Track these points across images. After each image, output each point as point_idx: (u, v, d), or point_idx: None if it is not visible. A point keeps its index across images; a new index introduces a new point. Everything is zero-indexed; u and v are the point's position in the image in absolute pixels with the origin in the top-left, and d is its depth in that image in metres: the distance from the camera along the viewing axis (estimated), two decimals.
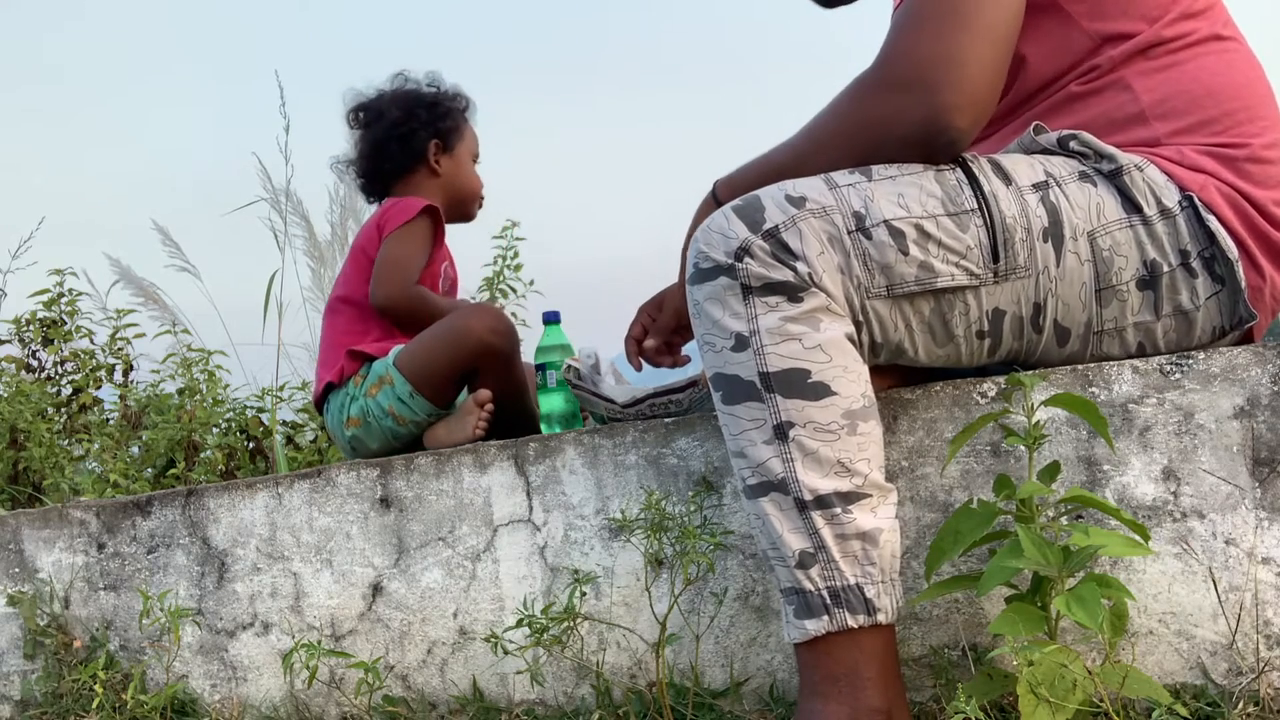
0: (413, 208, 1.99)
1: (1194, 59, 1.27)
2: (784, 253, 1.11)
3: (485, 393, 1.83)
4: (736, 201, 1.15)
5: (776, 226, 1.12)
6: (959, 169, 1.18)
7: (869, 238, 1.13)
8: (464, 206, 2.19)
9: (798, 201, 1.13)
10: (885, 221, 1.13)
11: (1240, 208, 1.22)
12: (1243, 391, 1.20)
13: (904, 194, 1.15)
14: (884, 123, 1.17)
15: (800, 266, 1.11)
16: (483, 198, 2.22)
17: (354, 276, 2.01)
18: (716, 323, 1.13)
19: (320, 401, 1.99)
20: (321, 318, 2.10)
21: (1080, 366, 1.24)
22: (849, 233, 1.13)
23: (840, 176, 1.16)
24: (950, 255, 1.14)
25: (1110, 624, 1.09)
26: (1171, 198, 1.21)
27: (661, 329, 1.44)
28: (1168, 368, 1.22)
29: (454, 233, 2.20)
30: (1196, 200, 1.20)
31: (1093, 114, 1.28)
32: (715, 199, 1.32)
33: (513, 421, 1.89)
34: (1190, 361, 1.21)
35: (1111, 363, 1.24)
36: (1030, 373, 1.14)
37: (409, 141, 2.11)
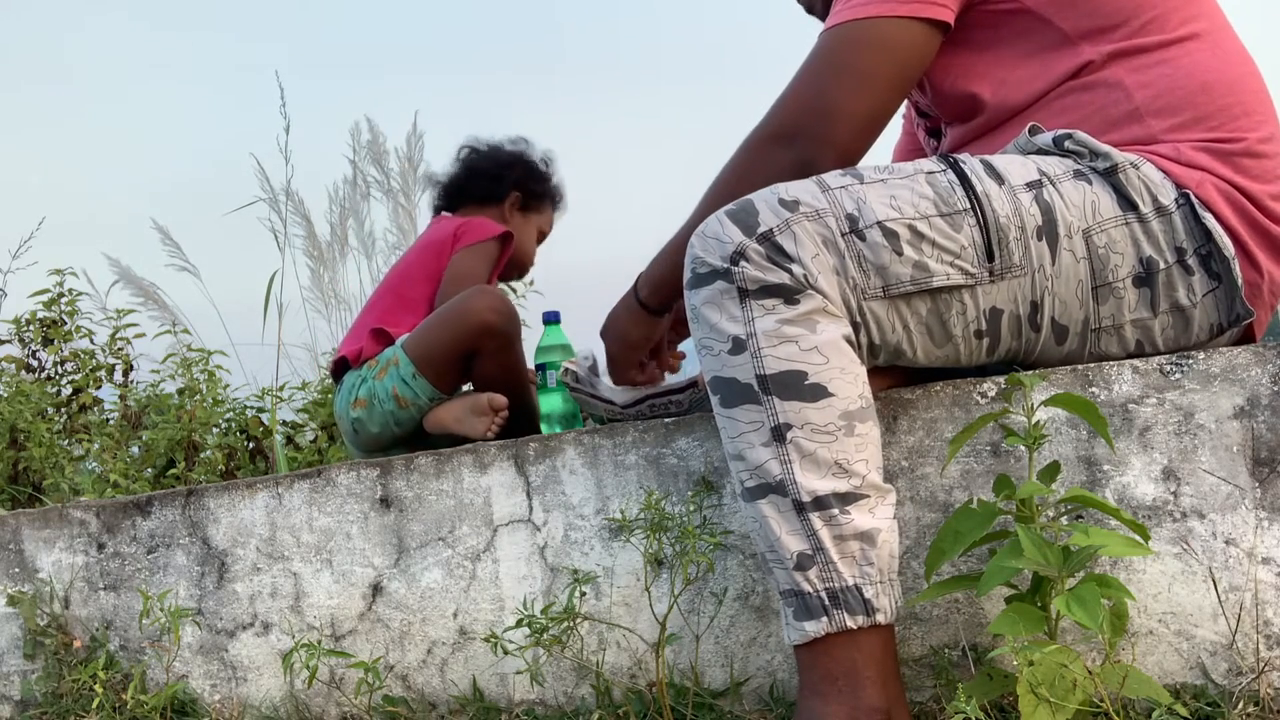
0: (491, 230, 2.12)
1: (1186, 55, 1.27)
2: (779, 255, 1.11)
3: (502, 399, 1.84)
4: (730, 206, 1.16)
5: (771, 230, 1.12)
6: (951, 170, 1.18)
7: (863, 239, 1.13)
8: (508, 269, 2.27)
9: (791, 205, 1.14)
10: (879, 223, 1.13)
11: (1237, 203, 1.22)
12: (1243, 391, 1.20)
13: (896, 195, 1.15)
14: (763, 172, 1.24)
15: (796, 269, 1.11)
16: (528, 277, 2.41)
17: (416, 271, 2.10)
18: (714, 326, 1.13)
19: (337, 375, 2.04)
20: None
21: (1080, 366, 1.24)
22: (843, 235, 1.13)
23: (832, 179, 1.17)
24: (945, 255, 1.15)
25: (1110, 624, 1.09)
26: (1168, 195, 1.21)
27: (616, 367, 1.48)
28: (1168, 368, 1.22)
29: None
30: (1193, 197, 1.21)
31: (1086, 112, 1.28)
32: (636, 295, 1.40)
33: (511, 411, 1.89)
34: (1190, 361, 1.21)
35: (1111, 363, 1.24)
36: (1030, 373, 1.14)
37: (499, 180, 2.26)
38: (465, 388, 2.01)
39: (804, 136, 1.25)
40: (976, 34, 1.31)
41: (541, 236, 2.37)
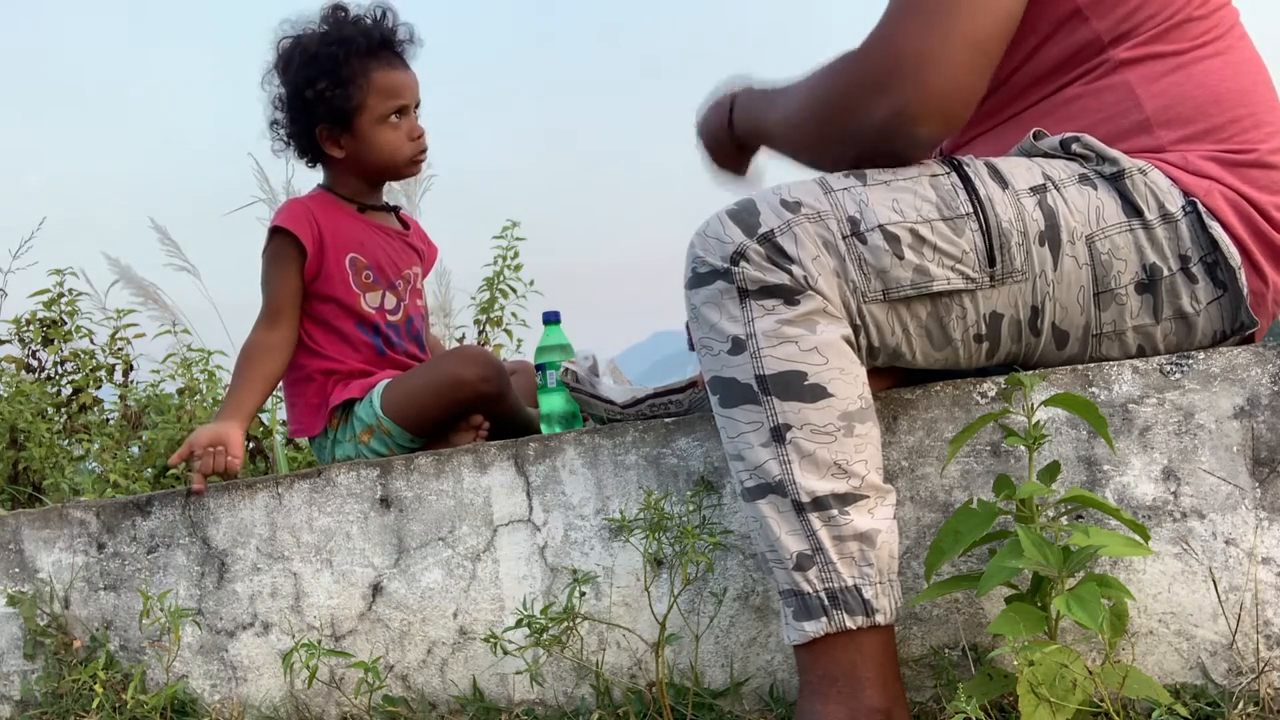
0: (270, 231, 1.84)
1: (1198, 63, 1.25)
2: (780, 256, 1.11)
3: (477, 417, 1.81)
4: (731, 206, 1.16)
5: (772, 231, 1.12)
6: (954, 173, 1.18)
7: (864, 242, 1.13)
8: (391, 175, 1.94)
9: (793, 206, 1.14)
10: (880, 226, 1.13)
11: (1244, 213, 1.21)
12: (1243, 391, 1.20)
13: (899, 199, 1.15)
14: (851, 114, 1.16)
15: (796, 270, 1.11)
16: (422, 151, 1.91)
17: None
18: (714, 326, 1.13)
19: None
20: None
21: (1080, 366, 1.24)
22: (844, 237, 1.13)
23: (835, 181, 1.17)
24: (946, 259, 1.14)
25: (1110, 624, 1.09)
26: (1175, 202, 1.20)
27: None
28: (1168, 368, 1.22)
29: (453, 227, 2.07)
30: (1200, 205, 1.20)
31: (1095, 119, 1.26)
32: (731, 109, 1.37)
33: (515, 430, 1.88)
34: (1190, 361, 1.21)
35: (1111, 363, 1.24)
36: (1030, 373, 1.14)
37: (298, 138, 1.90)
38: None
39: (896, 84, 1.11)
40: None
41: (398, 111, 1.86)
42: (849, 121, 1.17)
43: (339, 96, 1.83)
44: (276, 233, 1.82)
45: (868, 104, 1.14)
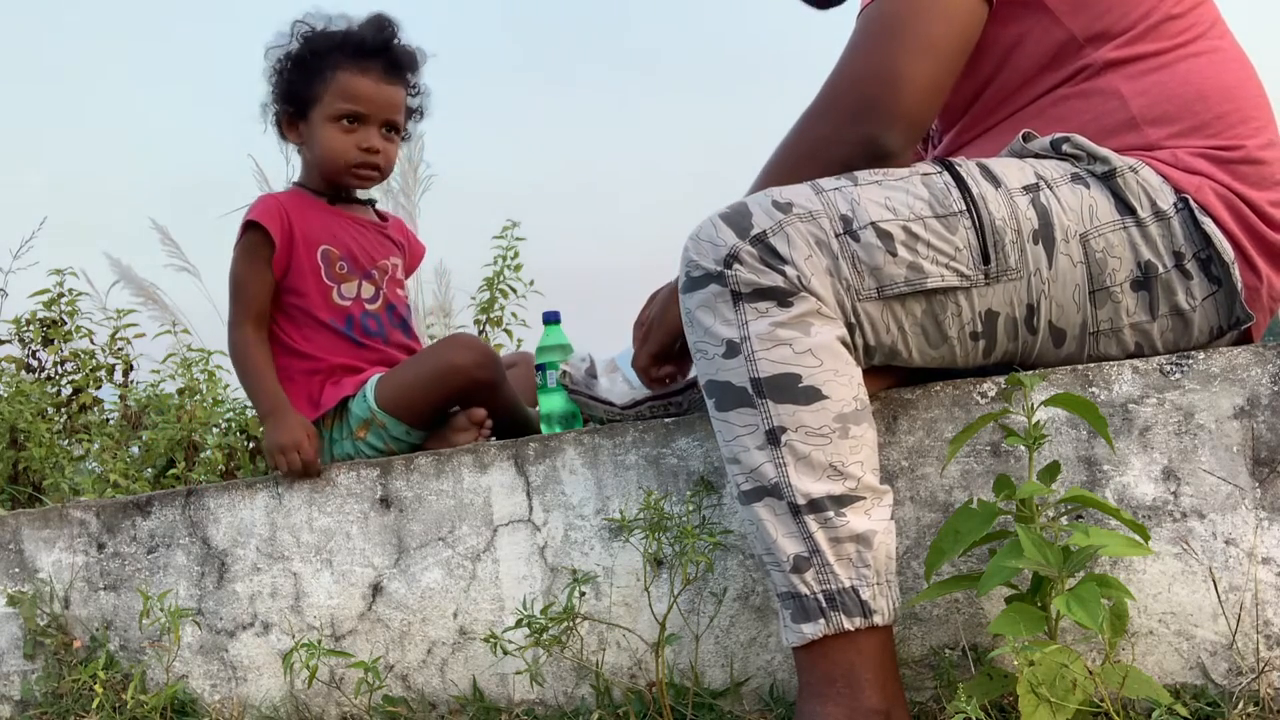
0: (242, 225, 1.82)
1: (1182, 61, 1.26)
2: (772, 258, 1.11)
3: (480, 411, 1.80)
4: (724, 209, 1.15)
5: (764, 232, 1.12)
6: (946, 172, 1.18)
7: (856, 240, 1.13)
8: (333, 178, 1.89)
9: (784, 207, 1.14)
10: (872, 224, 1.13)
11: (1236, 208, 1.22)
12: (1243, 391, 1.20)
13: (891, 197, 1.15)
14: (825, 146, 1.20)
15: (789, 271, 1.11)
16: (373, 165, 1.86)
17: None
18: (708, 330, 1.13)
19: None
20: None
21: (1080, 366, 1.24)
22: (836, 236, 1.13)
23: (826, 182, 1.17)
24: (939, 256, 1.14)
25: (1110, 624, 1.09)
26: (1166, 199, 1.21)
27: (651, 353, 1.42)
28: (1168, 368, 1.22)
29: (453, 227, 2.08)
30: (1192, 202, 1.20)
31: (1083, 120, 1.27)
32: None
33: (514, 428, 1.87)
34: (1190, 361, 1.21)
35: (1111, 363, 1.24)
36: (1030, 373, 1.14)
37: (274, 117, 1.92)
38: None
39: (868, 108, 1.17)
40: (990, 28, 1.28)
41: (349, 117, 1.83)
42: (825, 155, 1.20)
43: (300, 82, 1.86)
44: (248, 227, 1.81)
45: (838, 133, 1.20)
